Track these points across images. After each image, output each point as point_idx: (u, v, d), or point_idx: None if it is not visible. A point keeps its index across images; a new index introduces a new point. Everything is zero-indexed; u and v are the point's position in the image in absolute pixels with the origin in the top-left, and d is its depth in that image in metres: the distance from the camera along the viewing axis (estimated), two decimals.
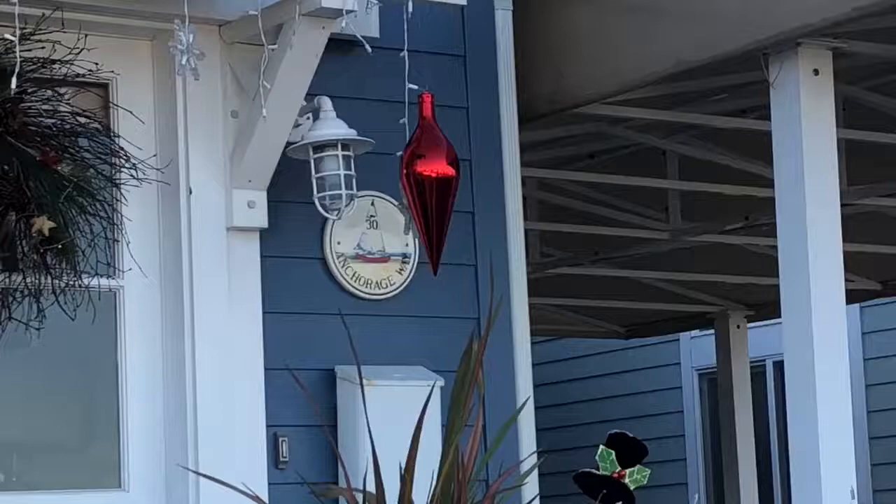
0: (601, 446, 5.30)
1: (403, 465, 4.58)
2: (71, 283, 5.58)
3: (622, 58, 6.72)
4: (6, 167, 5.53)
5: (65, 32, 5.63)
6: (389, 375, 6.08)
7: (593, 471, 5.32)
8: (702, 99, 7.56)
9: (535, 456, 6.21)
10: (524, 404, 6.30)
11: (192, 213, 6.08)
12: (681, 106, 7.58)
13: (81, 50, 5.62)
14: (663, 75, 6.62)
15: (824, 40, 5.99)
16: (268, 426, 6.09)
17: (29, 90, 5.50)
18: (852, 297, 8.29)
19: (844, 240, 6.16)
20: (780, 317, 6.20)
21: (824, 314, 5.94)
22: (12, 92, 5.36)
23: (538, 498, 5.79)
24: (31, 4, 5.43)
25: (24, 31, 5.40)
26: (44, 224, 5.41)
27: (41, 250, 5.52)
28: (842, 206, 6.22)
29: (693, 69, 6.52)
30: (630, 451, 5.41)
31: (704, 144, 8.53)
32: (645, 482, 5.28)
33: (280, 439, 6.11)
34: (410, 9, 5.82)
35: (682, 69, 6.52)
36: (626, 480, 5.37)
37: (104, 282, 5.81)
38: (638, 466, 5.43)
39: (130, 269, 5.84)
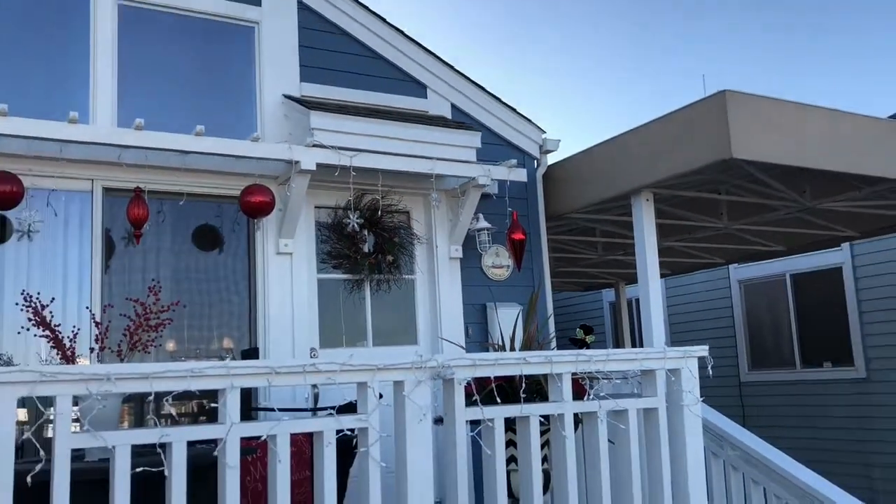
0: (578, 328, 5.31)
1: (510, 335, 5.03)
2: (398, 277, 6.06)
3: (578, 197, 6.56)
4: (389, 243, 5.93)
5: (394, 193, 6.04)
6: (504, 306, 6.22)
7: (575, 336, 5.31)
8: (609, 209, 7.01)
9: (554, 332, 6.29)
10: (549, 316, 6.43)
11: (438, 253, 6.19)
12: (602, 212, 7.11)
13: (400, 200, 6.10)
14: (594, 202, 6.43)
15: (650, 189, 6.00)
16: (464, 323, 6.18)
17: (382, 215, 5.94)
18: (662, 275, 8.22)
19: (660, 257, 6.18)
20: (637, 283, 6.17)
21: (653, 282, 5.95)
22: (379, 214, 5.90)
23: (555, 346, 5.91)
24: (384, 185, 5.80)
25: (383, 195, 5.94)
26: (389, 257, 5.98)
27: (389, 266, 5.98)
28: (658, 246, 6.38)
29: (604, 200, 6.34)
30: (588, 330, 5.36)
31: (612, 227, 7.90)
32: (594, 341, 5.29)
33: (468, 327, 6.21)
34: (508, 184, 6.38)
35: (600, 200, 6.37)
36: (588, 341, 5.35)
37: (409, 276, 6.13)
38: (591, 335, 5.42)
39: (419, 273, 6.18)
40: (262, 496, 3.90)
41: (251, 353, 5.24)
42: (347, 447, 3.79)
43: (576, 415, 3.65)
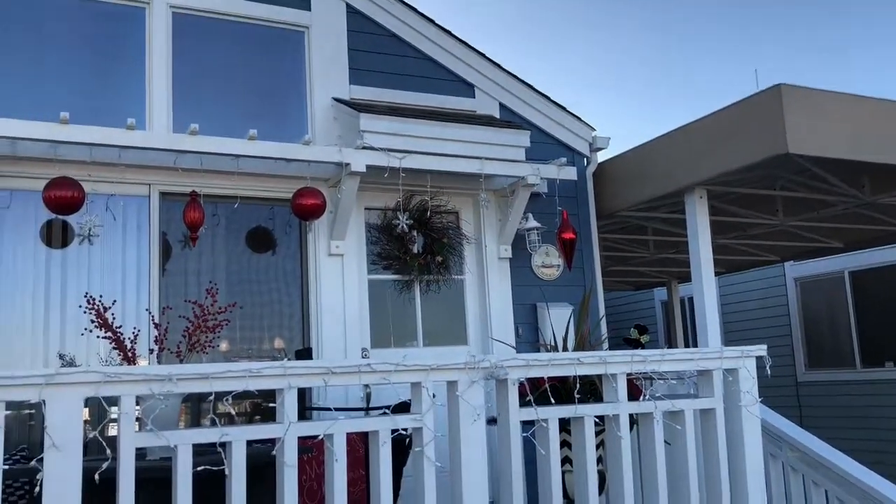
0: (632, 328, 5.42)
1: (562, 336, 4.91)
2: (447, 278, 6.07)
3: (629, 195, 6.55)
4: (438, 243, 5.96)
5: (443, 194, 6.04)
6: (555, 306, 6.17)
7: (629, 336, 5.46)
8: (661, 207, 6.95)
9: (606, 333, 6.19)
10: (602, 317, 6.39)
11: (487, 253, 6.17)
12: (653, 210, 7.07)
13: (449, 201, 6.11)
14: (645, 200, 6.43)
15: (703, 186, 5.99)
16: (514, 323, 6.14)
17: (431, 216, 5.96)
18: (716, 273, 8.14)
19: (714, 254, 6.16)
20: (691, 282, 6.10)
21: (707, 280, 5.96)
22: (428, 215, 5.92)
23: (608, 346, 5.76)
24: (433, 186, 5.85)
25: (432, 196, 5.96)
26: (439, 258, 6.00)
27: (439, 267, 6.00)
28: (712, 244, 6.18)
29: (656, 198, 6.35)
30: (642, 330, 5.48)
31: (663, 225, 7.81)
32: (648, 340, 5.38)
33: (518, 327, 6.17)
34: (558, 182, 6.34)
35: (652, 198, 6.38)
36: (642, 340, 5.47)
37: (459, 277, 6.13)
38: (645, 335, 5.54)
39: (469, 273, 6.18)
40: (317, 495, 3.95)
41: (304, 353, 5.27)
42: (401, 446, 3.78)
43: (631, 415, 3.60)
